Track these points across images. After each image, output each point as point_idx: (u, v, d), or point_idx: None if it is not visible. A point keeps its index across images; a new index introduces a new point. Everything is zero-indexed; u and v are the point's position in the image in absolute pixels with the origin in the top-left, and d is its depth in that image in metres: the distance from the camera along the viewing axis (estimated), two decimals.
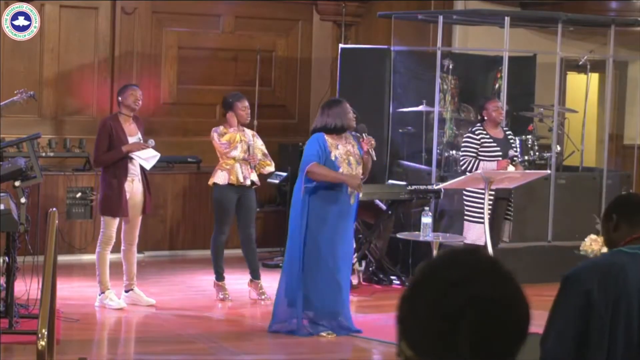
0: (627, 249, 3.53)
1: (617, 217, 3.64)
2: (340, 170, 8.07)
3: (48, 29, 11.48)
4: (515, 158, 9.71)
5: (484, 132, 9.80)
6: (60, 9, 11.62)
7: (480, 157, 9.74)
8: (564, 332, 3.38)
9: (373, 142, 8.25)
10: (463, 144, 9.92)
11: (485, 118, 9.81)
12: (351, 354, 8.01)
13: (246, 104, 9.43)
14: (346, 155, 8.16)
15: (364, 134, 8.23)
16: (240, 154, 9.33)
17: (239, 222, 9.47)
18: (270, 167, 9.56)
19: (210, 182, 9.43)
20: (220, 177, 9.32)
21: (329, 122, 8.10)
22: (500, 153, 9.77)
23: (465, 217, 9.90)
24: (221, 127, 9.39)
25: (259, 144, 9.50)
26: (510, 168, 9.46)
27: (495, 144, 9.77)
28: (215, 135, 9.32)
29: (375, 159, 8.38)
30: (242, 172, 9.32)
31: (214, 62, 12.40)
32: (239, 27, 12.56)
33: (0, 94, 9.92)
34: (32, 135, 8.63)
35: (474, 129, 9.90)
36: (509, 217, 10.16)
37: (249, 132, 9.51)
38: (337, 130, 8.11)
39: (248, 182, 9.36)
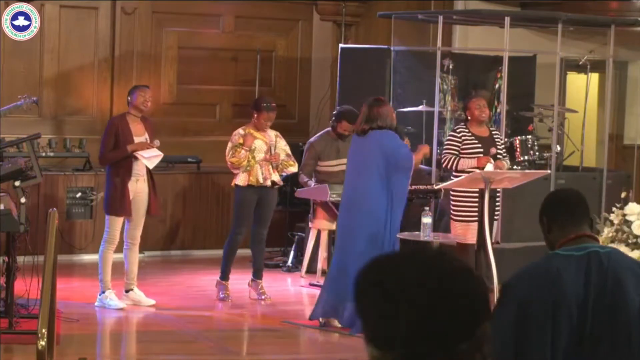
0: (562, 251, 3.44)
1: (547, 220, 3.57)
2: None
3: (48, 29, 11.48)
4: (498, 156, 9.65)
5: (466, 131, 9.72)
6: (60, 9, 11.63)
7: (462, 155, 9.71)
8: (502, 342, 3.30)
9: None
10: (445, 143, 9.90)
11: (469, 117, 9.75)
12: (351, 354, 8.00)
13: (272, 116, 9.39)
14: None
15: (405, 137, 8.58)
16: (261, 155, 9.32)
17: (254, 220, 9.46)
18: (294, 168, 9.53)
19: (232, 184, 9.43)
20: (240, 179, 9.31)
21: (386, 123, 8.26)
22: (482, 151, 9.73)
23: (452, 217, 9.86)
24: (237, 137, 9.33)
25: (282, 145, 9.48)
26: (489, 167, 9.39)
27: (477, 142, 9.68)
28: (229, 145, 9.33)
29: None
30: (262, 173, 9.31)
31: (214, 62, 12.40)
32: (239, 27, 12.56)
33: (1, 95, 9.93)
34: (32, 135, 8.63)
35: (456, 127, 9.91)
36: (496, 216, 10.15)
37: (271, 133, 9.49)
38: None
39: (268, 183, 9.34)
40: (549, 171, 10.45)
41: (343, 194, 8.55)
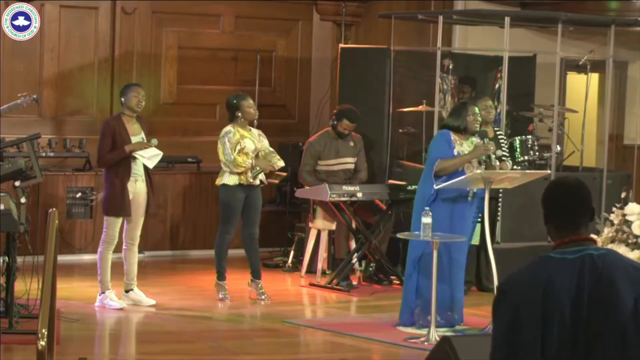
0: (555, 254, 3.38)
1: (545, 213, 3.46)
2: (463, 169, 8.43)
3: (48, 29, 11.49)
4: (503, 158, 9.71)
5: None
6: (60, 9, 11.63)
7: None
8: (499, 343, 3.32)
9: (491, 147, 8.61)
10: None
11: None
12: (351, 354, 8.00)
13: (251, 101, 9.43)
14: None
15: (485, 139, 8.59)
16: (251, 155, 9.30)
17: (243, 221, 9.45)
18: (281, 162, 9.52)
19: (218, 183, 9.38)
20: (230, 179, 9.28)
21: (450, 121, 8.50)
22: None
23: None
24: (232, 134, 9.29)
25: (266, 144, 9.47)
26: None
27: None
28: (227, 143, 9.25)
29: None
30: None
31: (214, 62, 12.40)
32: (239, 27, 12.57)
33: (1, 94, 9.92)
34: (32, 135, 8.62)
35: None
36: (498, 217, 10.19)
37: (255, 132, 9.48)
38: (456, 130, 8.41)
39: (257, 182, 9.35)
40: (549, 171, 10.44)
41: None
